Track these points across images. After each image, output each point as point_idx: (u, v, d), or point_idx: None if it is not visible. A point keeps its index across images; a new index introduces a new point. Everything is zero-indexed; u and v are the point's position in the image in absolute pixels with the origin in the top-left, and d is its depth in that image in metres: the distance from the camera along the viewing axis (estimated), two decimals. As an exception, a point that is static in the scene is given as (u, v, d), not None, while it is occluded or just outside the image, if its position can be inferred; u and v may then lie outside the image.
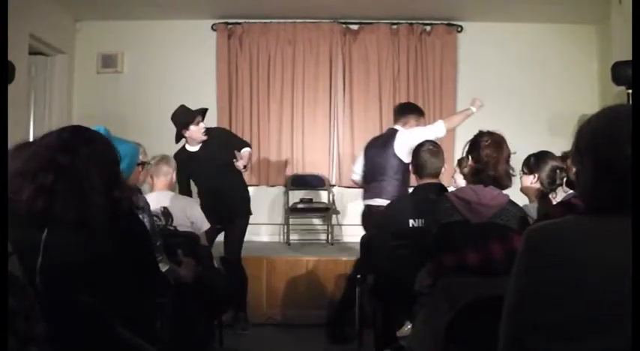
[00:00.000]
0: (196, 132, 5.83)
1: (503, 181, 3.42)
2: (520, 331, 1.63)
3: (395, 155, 5.54)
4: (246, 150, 6.03)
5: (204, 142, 5.90)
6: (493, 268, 3.01)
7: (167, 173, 4.86)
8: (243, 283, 6.04)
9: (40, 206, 2.18)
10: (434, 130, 5.58)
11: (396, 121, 6.00)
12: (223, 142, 6.01)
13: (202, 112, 5.93)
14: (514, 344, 1.66)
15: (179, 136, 5.87)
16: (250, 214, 6.27)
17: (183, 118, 5.82)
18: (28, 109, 7.43)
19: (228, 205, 5.95)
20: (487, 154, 3.43)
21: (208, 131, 5.92)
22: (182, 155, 5.81)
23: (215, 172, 5.88)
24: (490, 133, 3.55)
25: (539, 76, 8.07)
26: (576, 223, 1.64)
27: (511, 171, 3.50)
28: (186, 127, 5.79)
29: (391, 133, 5.77)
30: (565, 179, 4.04)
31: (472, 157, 3.51)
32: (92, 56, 8.26)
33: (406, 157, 5.32)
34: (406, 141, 5.42)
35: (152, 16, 8.03)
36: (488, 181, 3.40)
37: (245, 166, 5.88)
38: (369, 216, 5.58)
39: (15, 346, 1.52)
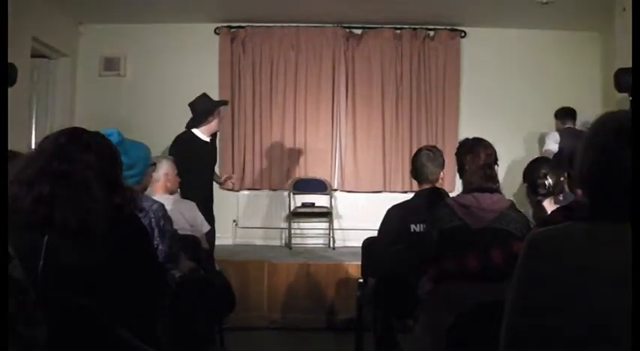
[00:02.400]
0: (217, 122, 5.97)
1: (483, 186, 3.37)
2: (521, 337, 1.63)
3: None
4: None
5: (212, 136, 5.98)
6: (493, 274, 3.00)
7: (163, 175, 4.77)
8: None
9: (40, 215, 2.18)
10: None
11: (567, 121, 7.25)
12: (216, 145, 6.22)
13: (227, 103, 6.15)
14: (515, 350, 1.65)
15: (199, 121, 5.87)
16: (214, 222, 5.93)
17: (213, 104, 5.95)
18: (30, 112, 7.45)
19: (204, 206, 5.50)
20: (463, 162, 3.42)
21: None
22: (191, 138, 5.83)
23: (209, 168, 6.09)
24: (467, 141, 3.52)
25: (541, 82, 8.08)
26: (576, 229, 1.64)
27: (489, 172, 3.43)
28: (213, 114, 5.87)
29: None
30: (551, 185, 4.03)
31: (457, 167, 3.50)
32: (95, 59, 8.28)
33: None
34: None
35: (155, 19, 8.04)
36: (470, 187, 3.38)
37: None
38: None
39: (16, 349, 1.52)
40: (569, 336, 1.55)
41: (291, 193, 8.13)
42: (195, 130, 5.89)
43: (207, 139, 5.92)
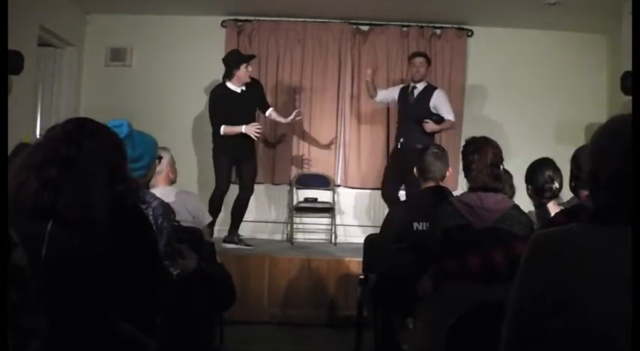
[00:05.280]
0: (245, 73, 6.76)
1: (490, 185, 3.37)
2: (522, 339, 1.63)
3: None
4: (272, 109, 7.17)
5: (246, 86, 6.82)
6: (495, 275, 3.00)
7: (166, 166, 4.75)
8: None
9: (45, 201, 2.18)
10: None
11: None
12: (260, 94, 7.13)
13: (252, 58, 7.03)
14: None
15: (229, 74, 6.78)
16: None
17: (238, 56, 6.91)
18: (36, 101, 7.44)
19: (246, 144, 6.82)
20: (471, 160, 3.40)
21: (252, 79, 6.95)
22: (221, 90, 6.81)
23: (246, 114, 6.84)
24: (474, 139, 3.51)
25: (547, 83, 8.05)
26: (580, 231, 1.64)
27: (496, 171, 3.42)
28: (238, 67, 6.73)
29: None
30: (557, 188, 4.03)
31: (463, 165, 3.49)
32: (101, 49, 8.28)
33: None
34: None
35: (162, 10, 8.04)
36: (475, 186, 3.37)
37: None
38: None
39: (16, 340, 1.52)
40: (570, 337, 1.55)
41: (294, 188, 8.14)
42: (227, 83, 6.81)
43: (237, 90, 6.78)
